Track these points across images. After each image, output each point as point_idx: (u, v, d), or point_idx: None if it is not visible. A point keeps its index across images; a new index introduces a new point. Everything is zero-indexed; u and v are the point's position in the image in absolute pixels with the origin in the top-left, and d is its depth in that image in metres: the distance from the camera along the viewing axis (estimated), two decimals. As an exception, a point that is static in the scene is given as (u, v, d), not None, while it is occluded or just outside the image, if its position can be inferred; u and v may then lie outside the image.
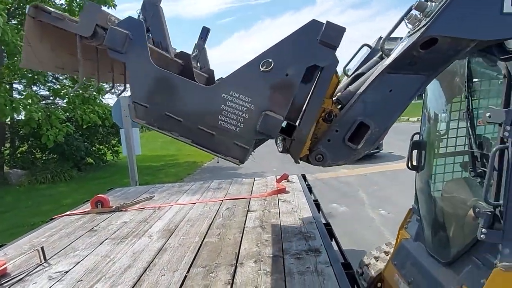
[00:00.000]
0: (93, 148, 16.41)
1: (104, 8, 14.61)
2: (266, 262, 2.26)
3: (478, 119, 2.04)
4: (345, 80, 2.36)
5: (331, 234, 2.74)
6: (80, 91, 13.40)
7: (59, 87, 14.83)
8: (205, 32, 2.51)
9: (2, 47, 11.43)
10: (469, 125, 2.10)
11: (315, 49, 1.34)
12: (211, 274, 2.18)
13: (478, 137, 2.07)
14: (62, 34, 1.32)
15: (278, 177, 4.51)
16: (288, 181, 4.46)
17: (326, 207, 7.31)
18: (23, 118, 12.02)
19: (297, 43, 1.34)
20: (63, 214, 3.82)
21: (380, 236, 5.56)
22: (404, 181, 8.64)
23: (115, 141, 17.30)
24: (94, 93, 14.01)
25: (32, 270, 2.46)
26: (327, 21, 1.32)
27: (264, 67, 1.33)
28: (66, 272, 2.38)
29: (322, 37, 1.33)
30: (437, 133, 2.59)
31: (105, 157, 17.20)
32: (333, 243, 2.71)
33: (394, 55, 1.57)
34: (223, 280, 2.08)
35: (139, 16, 1.75)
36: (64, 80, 15.45)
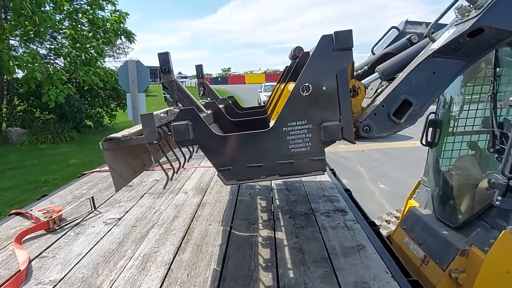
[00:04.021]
0: (93, 110, 16.36)
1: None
2: (299, 218, 2.57)
3: (500, 102, 2.31)
4: (372, 57, 2.59)
5: (352, 198, 3.06)
6: (80, 51, 13.27)
7: (58, 46, 14.60)
8: (199, 69, 2.94)
9: (1, 1, 11.14)
10: (491, 107, 2.37)
11: (336, 57, 1.54)
12: (253, 225, 2.48)
13: (499, 118, 2.35)
14: (126, 146, 1.52)
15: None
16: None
17: (328, 179, 7.71)
18: (21, 76, 11.91)
19: (320, 60, 1.54)
20: (93, 171, 4.06)
21: (381, 207, 5.98)
22: (401, 158, 9.08)
23: (114, 105, 17.26)
24: (95, 54, 13.91)
25: (86, 217, 2.73)
26: (334, 32, 1.53)
27: (305, 92, 1.54)
28: (119, 219, 2.65)
29: (337, 45, 1.52)
30: (454, 113, 2.86)
31: (104, 121, 17.20)
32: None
33: (442, 41, 1.77)
34: (265, 230, 2.39)
35: (166, 98, 1.94)
36: (63, 40, 15.17)
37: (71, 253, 2.17)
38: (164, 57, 1.92)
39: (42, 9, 10.97)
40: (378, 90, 2.19)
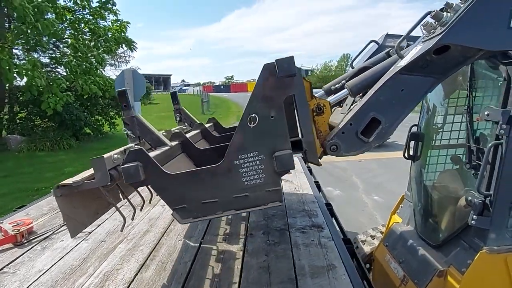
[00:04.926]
0: (92, 118, 16.40)
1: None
2: (273, 234, 2.49)
3: (476, 116, 2.24)
4: (349, 71, 2.53)
5: (332, 213, 2.97)
6: (81, 60, 13.38)
7: (60, 55, 14.73)
8: (174, 96, 2.93)
9: (5, 11, 11.31)
10: (467, 121, 2.29)
11: (280, 85, 1.51)
12: (224, 241, 2.40)
13: (475, 132, 2.27)
14: (83, 190, 1.50)
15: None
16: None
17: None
18: (23, 84, 12.01)
19: (265, 89, 1.51)
20: (76, 181, 4.01)
21: (373, 220, 5.85)
22: (398, 168, 8.95)
23: (113, 113, 17.30)
24: (96, 63, 14.00)
25: (57, 230, 2.66)
26: (276, 59, 1.51)
27: (252, 123, 1.49)
28: (90, 232, 2.59)
29: (280, 72, 1.49)
30: (435, 126, 2.78)
31: (103, 128, 17.23)
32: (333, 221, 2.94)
33: (409, 58, 1.71)
34: (236, 247, 2.31)
35: (127, 133, 1.90)
36: (65, 49, 15.30)
37: (32, 269, 2.11)
38: (123, 94, 1.86)
39: (45, 16, 11.09)
40: (351, 107, 2.13)
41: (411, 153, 2.85)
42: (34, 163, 10.63)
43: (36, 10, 10.51)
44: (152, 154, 1.63)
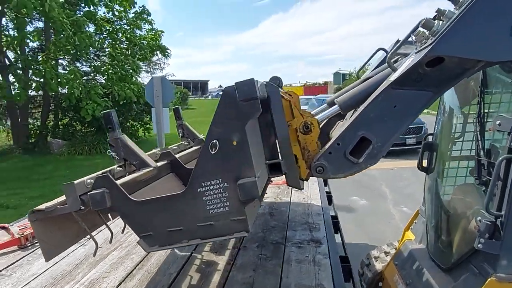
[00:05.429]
0: (127, 123, 17.13)
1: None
2: (268, 248, 2.39)
3: (488, 126, 2.00)
4: (355, 82, 2.36)
5: (337, 227, 2.81)
6: (117, 68, 14.09)
7: (99, 64, 15.63)
8: (176, 112, 2.92)
9: (50, 23, 12.18)
10: (478, 131, 2.05)
11: (241, 109, 1.41)
12: (215, 253, 2.34)
13: (487, 144, 2.02)
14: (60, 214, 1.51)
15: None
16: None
17: (346, 200, 7.31)
18: (66, 92, 12.86)
19: (226, 114, 1.42)
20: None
21: (398, 233, 5.50)
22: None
23: (147, 119, 17.95)
24: (131, 70, 14.67)
25: (60, 234, 2.74)
26: (235, 82, 1.42)
27: (213, 149, 1.41)
28: (89, 238, 2.63)
29: (240, 96, 1.40)
30: (449, 136, 2.53)
31: (138, 133, 17.92)
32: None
33: (400, 71, 1.55)
34: (225, 259, 2.24)
35: (112, 155, 1.89)
36: (104, 58, 16.19)
37: (27, 272, 2.18)
38: (108, 116, 1.85)
39: (82, 30, 11.80)
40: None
41: (425, 164, 2.62)
42: (71, 166, 11.27)
43: (74, 23, 11.21)
44: (122, 180, 1.61)
